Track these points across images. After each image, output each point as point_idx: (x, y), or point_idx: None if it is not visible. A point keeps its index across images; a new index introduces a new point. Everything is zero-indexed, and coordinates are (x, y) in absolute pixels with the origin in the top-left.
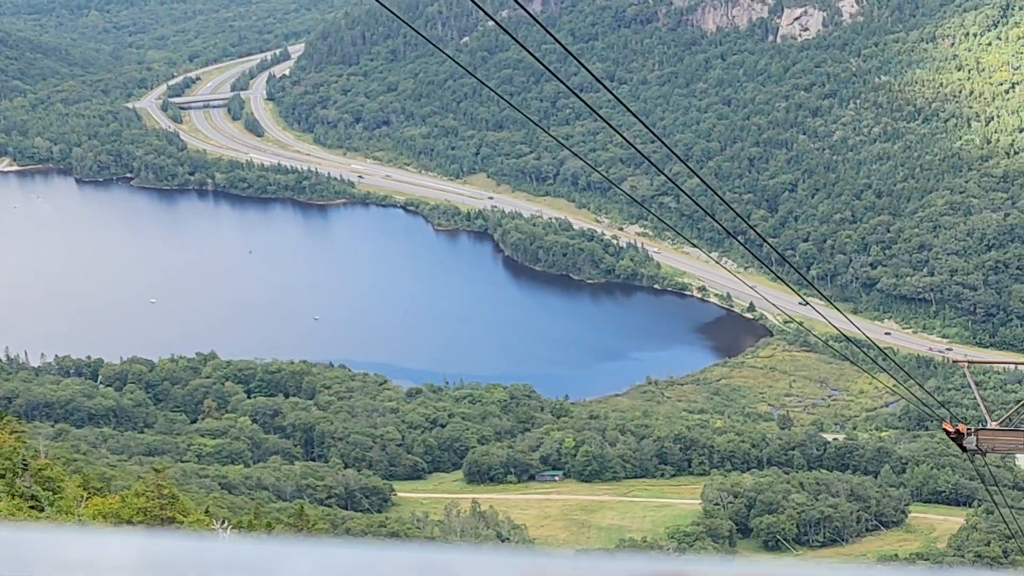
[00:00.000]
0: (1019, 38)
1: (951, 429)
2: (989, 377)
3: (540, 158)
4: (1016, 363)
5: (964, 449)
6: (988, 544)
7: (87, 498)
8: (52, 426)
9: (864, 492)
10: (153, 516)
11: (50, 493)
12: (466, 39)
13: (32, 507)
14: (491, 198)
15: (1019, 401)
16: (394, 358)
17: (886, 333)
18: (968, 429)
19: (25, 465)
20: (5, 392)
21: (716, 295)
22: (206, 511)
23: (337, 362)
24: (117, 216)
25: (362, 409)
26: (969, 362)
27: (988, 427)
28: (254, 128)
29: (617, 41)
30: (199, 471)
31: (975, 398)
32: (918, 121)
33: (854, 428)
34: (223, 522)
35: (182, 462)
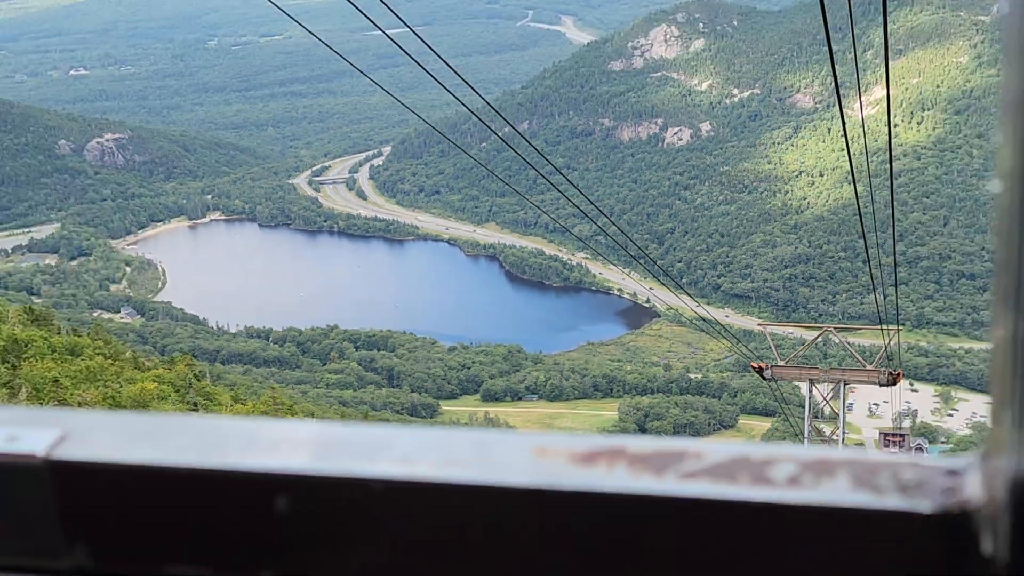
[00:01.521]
0: (802, 146)
1: (756, 367)
2: (785, 340)
3: (526, 214)
4: (796, 326)
5: (764, 378)
6: (784, 438)
7: (232, 405)
8: (242, 367)
9: (713, 408)
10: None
11: (208, 403)
12: (484, 144)
13: (192, 411)
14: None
15: (795, 352)
16: (440, 328)
17: (726, 316)
18: (765, 366)
19: (190, 384)
20: (215, 346)
21: (628, 294)
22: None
23: (408, 331)
24: (282, 246)
25: (422, 358)
26: (767, 326)
27: (776, 365)
28: (361, 195)
29: (571, 146)
30: (326, 394)
31: (771, 350)
32: (744, 193)
33: (707, 371)
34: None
35: (315, 388)
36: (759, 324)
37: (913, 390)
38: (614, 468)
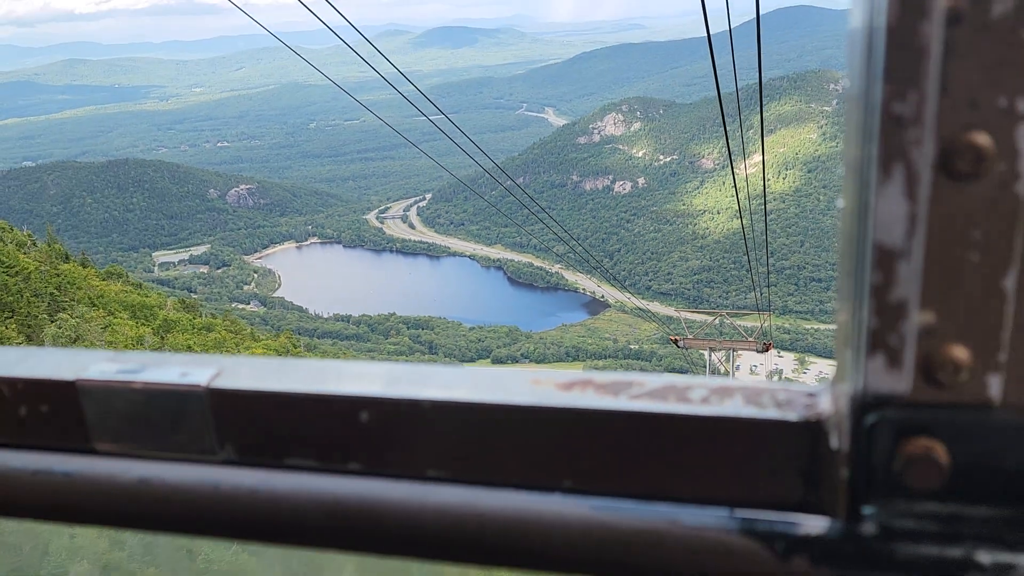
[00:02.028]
0: (706, 193)
1: (673, 339)
2: (693, 323)
3: (522, 238)
4: (701, 312)
5: (679, 347)
6: None
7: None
8: (331, 341)
9: (646, 368)
10: None
11: None
12: (494, 191)
13: None
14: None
15: (700, 329)
16: (464, 314)
17: (654, 307)
18: (680, 339)
19: (288, 351)
20: (312, 327)
21: (589, 292)
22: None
23: (442, 316)
24: (358, 260)
25: (452, 334)
26: (682, 312)
27: (687, 338)
28: (411, 226)
29: (551, 194)
30: (387, 359)
31: (683, 328)
32: (667, 225)
33: (642, 343)
34: None
35: (380, 356)
36: (676, 311)
37: (779, 356)
38: (585, 392)
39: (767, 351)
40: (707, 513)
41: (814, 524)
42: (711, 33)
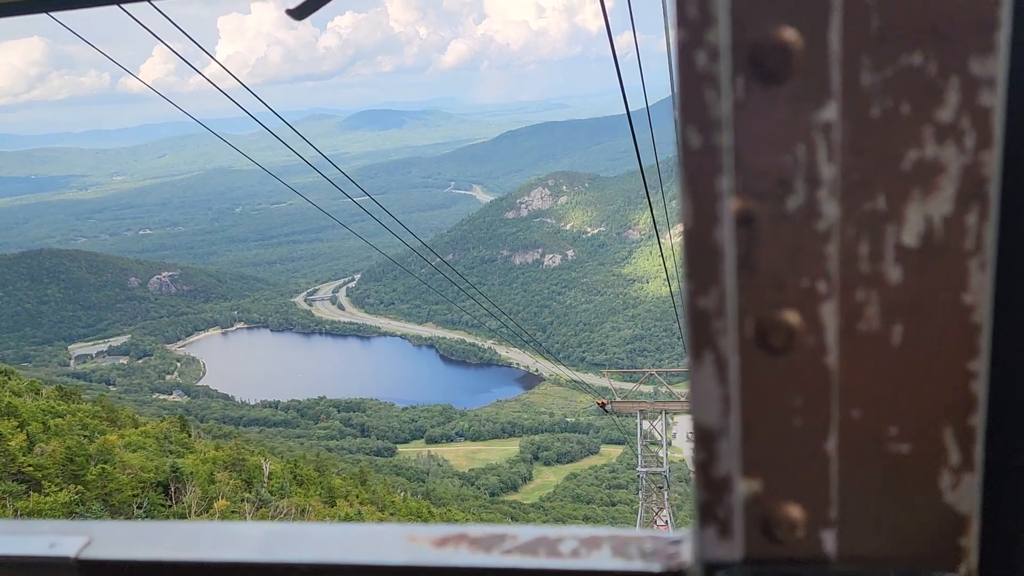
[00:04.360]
0: (635, 263)
1: (600, 402)
2: (627, 391)
3: (453, 315)
4: (628, 371)
5: (606, 411)
6: (631, 459)
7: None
8: (258, 428)
9: (584, 440)
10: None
11: (184, 449)
12: (423, 269)
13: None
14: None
15: (630, 391)
16: (396, 395)
17: (588, 378)
18: (606, 402)
19: (168, 436)
20: (239, 414)
21: (523, 366)
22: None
23: (374, 397)
24: (287, 344)
25: (384, 415)
26: (607, 373)
27: (615, 402)
28: (340, 307)
29: (481, 269)
30: (316, 444)
31: (612, 392)
32: (598, 295)
33: (578, 415)
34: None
35: (309, 440)
36: (603, 372)
37: None
38: (459, 548)
39: None
40: None
41: None
42: (630, 111)
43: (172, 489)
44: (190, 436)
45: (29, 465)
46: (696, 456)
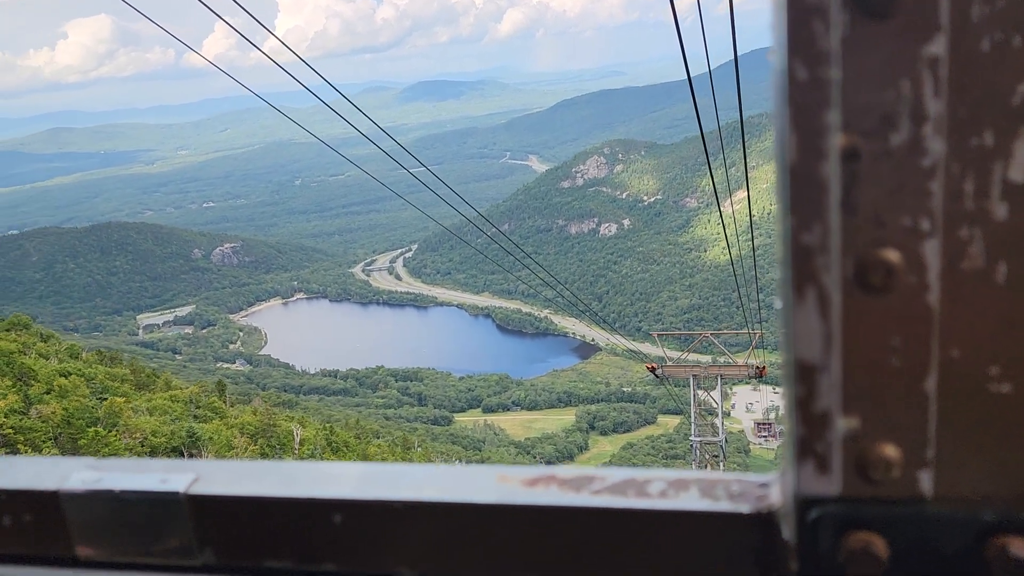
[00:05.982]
0: (692, 232)
1: (649, 367)
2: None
3: (510, 285)
4: (682, 333)
5: (656, 376)
6: (688, 429)
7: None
8: (317, 397)
9: (640, 411)
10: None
11: (210, 413)
12: (479, 239)
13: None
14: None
15: (682, 354)
16: (453, 364)
17: (641, 348)
18: (657, 366)
19: (196, 403)
20: (299, 383)
21: (579, 336)
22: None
23: (431, 367)
24: (345, 314)
25: (441, 384)
26: (658, 334)
27: (665, 366)
28: (398, 277)
29: (537, 239)
30: (375, 413)
31: (664, 356)
32: (654, 265)
33: (635, 385)
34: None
35: (368, 410)
36: (653, 333)
37: (776, 392)
38: (549, 488)
39: (762, 375)
40: None
41: None
42: (691, 76)
43: (186, 455)
44: (224, 402)
45: (10, 427)
46: (796, 391)
